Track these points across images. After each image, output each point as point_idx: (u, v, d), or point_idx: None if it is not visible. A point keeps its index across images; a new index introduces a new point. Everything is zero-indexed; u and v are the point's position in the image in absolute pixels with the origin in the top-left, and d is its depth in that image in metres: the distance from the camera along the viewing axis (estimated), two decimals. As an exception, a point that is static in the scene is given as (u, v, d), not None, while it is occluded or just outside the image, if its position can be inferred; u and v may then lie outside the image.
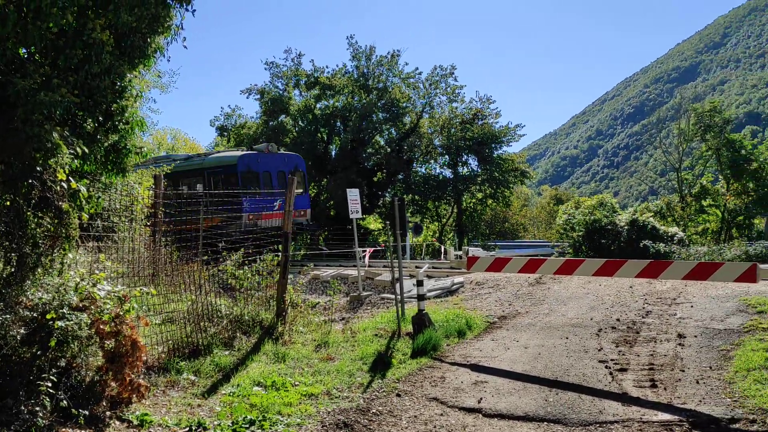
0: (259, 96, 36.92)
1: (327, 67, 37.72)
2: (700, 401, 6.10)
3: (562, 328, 9.56)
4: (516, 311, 11.16)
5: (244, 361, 7.72)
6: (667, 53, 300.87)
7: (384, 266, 16.63)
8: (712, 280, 6.90)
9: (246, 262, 9.98)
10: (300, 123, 35.91)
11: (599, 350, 8.14)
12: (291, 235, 9.44)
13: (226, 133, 38.45)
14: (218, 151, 24.23)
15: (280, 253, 9.49)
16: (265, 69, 37.90)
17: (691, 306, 10.24)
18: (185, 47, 6.13)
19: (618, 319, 9.79)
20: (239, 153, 22.39)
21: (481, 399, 6.52)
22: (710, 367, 7.16)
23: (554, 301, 11.69)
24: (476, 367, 7.73)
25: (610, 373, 7.13)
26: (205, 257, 10.24)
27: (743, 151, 33.71)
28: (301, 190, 23.37)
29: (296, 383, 7.00)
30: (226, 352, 7.93)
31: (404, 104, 34.94)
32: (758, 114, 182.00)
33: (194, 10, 5.94)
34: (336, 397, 6.66)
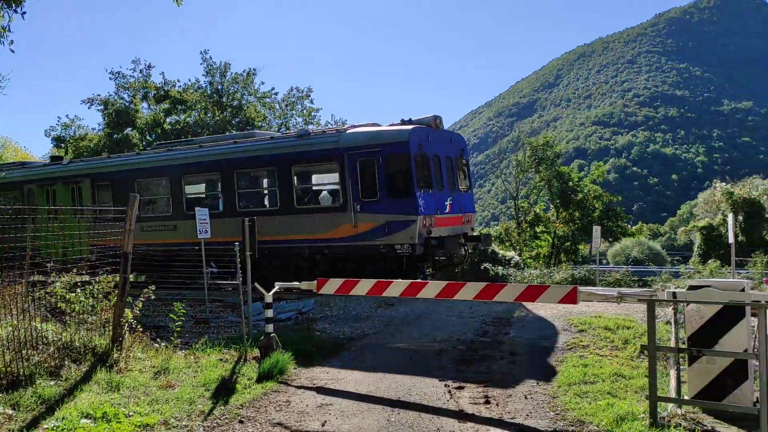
0: (102, 107, 34.78)
1: (179, 81, 36.49)
2: (528, 415, 6.57)
3: (407, 348, 9.87)
4: (364, 333, 11.35)
5: (72, 391, 7.13)
6: (508, 89, 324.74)
7: (233, 288, 16.19)
8: (540, 301, 7.47)
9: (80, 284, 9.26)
10: (148, 137, 34.30)
11: (440, 369, 8.50)
12: (130, 255, 8.93)
13: (63, 145, 35.71)
14: (357, 125, 16.42)
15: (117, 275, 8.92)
16: (111, 79, 35.87)
17: (523, 326, 11.03)
18: (12, 51, 5.65)
19: (458, 339, 10.29)
20: (408, 126, 15.22)
21: (325, 422, 6.54)
22: (537, 383, 7.74)
23: (401, 322, 12.04)
24: (322, 390, 7.75)
25: (449, 392, 7.47)
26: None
27: (571, 183, 37.13)
28: (466, 187, 17.46)
29: (130, 413, 6.58)
30: (52, 383, 7.28)
31: (259, 123, 34.66)
32: (585, 149, 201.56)
33: (24, 12, 5.50)
34: (174, 427, 6.35)
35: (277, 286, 9.73)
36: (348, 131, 15.77)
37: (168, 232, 18.37)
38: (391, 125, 15.78)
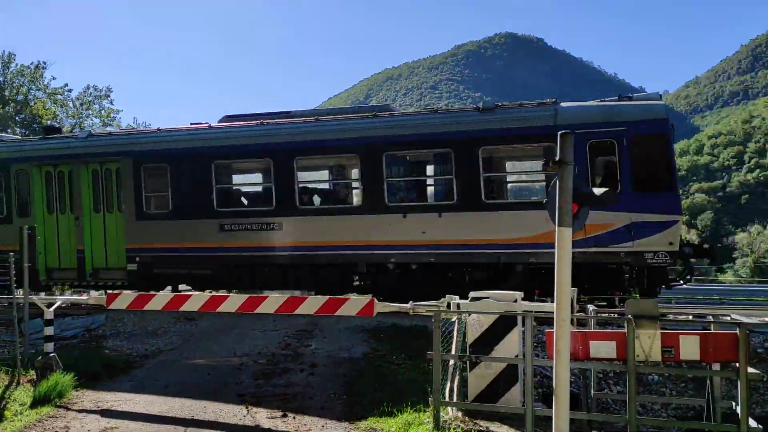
0: None
1: (-51, 67, 31.95)
2: (323, 426, 6.71)
3: (206, 364, 9.57)
4: (160, 349, 10.79)
5: None
6: (320, 104, 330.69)
7: (9, 303, 14.45)
8: (339, 313, 7.70)
9: None
10: None
11: (238, 384, 8.37)
12: None
13: None
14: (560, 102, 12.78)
15: None
16: None
17: (324, 337, 11.25)
18: None
19: (260, 353, 10.20)
20: (659, 101, 12.08)
21: (109, 447, 6.11)
22: (335, 394, 7.94)
23: (201, 336, 11.64)
24: (108, 413, 7.23)
25: (246, 407, 7.38)
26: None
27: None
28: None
29: None
30: None
31: (49, 121, 31.54)
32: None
33: None
34: None
35: (59, 300, 8.93)
36: (563, 105, 12.55)
37: (267, 233, 13.97)
38: (602, 101, 12.81)
